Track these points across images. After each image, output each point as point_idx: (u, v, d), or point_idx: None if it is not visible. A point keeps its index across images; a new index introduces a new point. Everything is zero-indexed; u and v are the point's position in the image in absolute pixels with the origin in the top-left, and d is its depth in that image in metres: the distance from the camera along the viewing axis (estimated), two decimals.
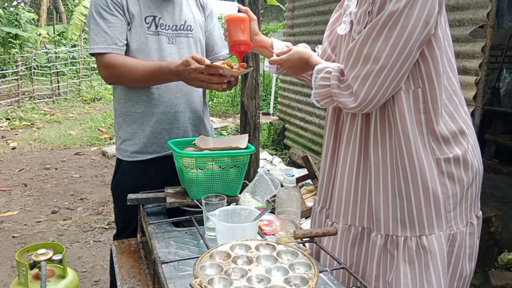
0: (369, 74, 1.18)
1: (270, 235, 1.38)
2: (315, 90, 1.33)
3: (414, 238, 1.26)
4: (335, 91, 1.26)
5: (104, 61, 1.63)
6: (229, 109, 9.28)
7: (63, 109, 9.63)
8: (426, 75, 1.22)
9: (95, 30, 1.63)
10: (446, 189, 1.27)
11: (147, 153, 1.76)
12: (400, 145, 1.25)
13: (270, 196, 1.57)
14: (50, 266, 1.41)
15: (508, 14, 3.11)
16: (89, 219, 3.90)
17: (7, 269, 3.02)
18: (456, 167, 1.27)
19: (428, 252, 1.25)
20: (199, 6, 1.87)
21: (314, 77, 1.32)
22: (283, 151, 6.02)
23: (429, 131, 1.25)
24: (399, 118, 1.24)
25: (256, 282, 0.95)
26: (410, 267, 1.26)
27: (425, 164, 1.23)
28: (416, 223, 1.26)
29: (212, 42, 1.91)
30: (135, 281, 1.27)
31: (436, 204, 1.25)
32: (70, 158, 5.95)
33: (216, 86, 1.54)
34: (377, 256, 1.32)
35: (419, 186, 1.24)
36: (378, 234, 1.31)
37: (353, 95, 1.21)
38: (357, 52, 1.20)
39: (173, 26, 1.74)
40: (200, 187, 1.46)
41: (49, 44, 13.16)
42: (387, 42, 1.15)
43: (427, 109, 1.24)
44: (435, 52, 1.21)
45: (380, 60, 1.16)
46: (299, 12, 5.58)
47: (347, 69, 1.23)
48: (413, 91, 1.23)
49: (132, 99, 1.73)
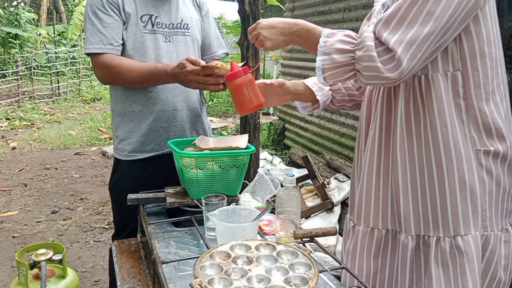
0: (415, 39, 1.04)
1: (270, 235, 1.38)
2: (323, 56, 1.14)
3: (448, 239, 1.16)
4: (369, 54, 1.08)
5: (100, 61, 1.64)
6: (229, 109, 9.27)
7: (63, 109, 9.63)
8: (470, 55, 1.11)
9: (90, 30, 1.64)
10: (483, 184, 1.16)
11: (144, 152, 1.76)
12: (435, 134, 1.14)
13: (270, 196, 1.57)
14: (50, 266, 1.41)
15: (508, 14, 3.11)
16: (89, 219, 3.90)
17: (7, 269, 3.02)
18: (494, 163, 1.16)
19: (464, 254, 1.14)
20: (195, 6, 1.88)
21: (323, 40, 1.15)
22: (283, 151, 6.01)
23: (470, 118, 1.14)
24: (436, 103, 1.13)
25: (256, 282, 0.95)
26: (444, 271, 1.16)
27: (463, 155, 1.13)
28: (450, 221, 1.15)
29: (208, 42, 1.91)
30: (135, 281, 1.27)
31: (473, 200, 1.14)
32: (70, 158, 5.94)
33: (212, 87, 1.54)
34: (409, 260, 1.22)
35: (455, 179, 1.14)
36: (408, 236, 1.21)
37: (394, 60, 1.06)
38: (403, 14, 1.06)
39: (169, 24, 1.74)
40: (200, 187, 1.46)
41: (49, 44, 13.15)
42: (437, 4, 1.03)
43: (467, 93, 1.13)
44: (481, 29, 1.11)
45: (428, 24, 1.04)
46: (299, 12, 5.58)
47: (387, 33, 1.07)
48: (452, 73, 1.13)
49: (130, 98, 1.73)
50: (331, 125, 4.82)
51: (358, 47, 1.11)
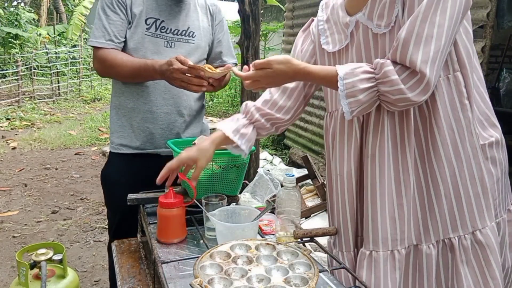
0: (436, 55, 1.05)
1: (270, 235, 1.38)
2: (349, 99, 1.11)
3: (468, 236, 1.18)
4: (396, 88, 1.07)
5: (99, 54, 1.71)
6: (229, 109, 9.27)
7: (63, 109, 9.63)
8: (466, 55, 1.14)
9: (96, 25, 1.72)
10: (491, 175, 1.21)
11: (130, 148, 1.81)
12: (443, 139, 1.15)
13: (270, 196, 1.57)
14: (50, 266, 1.41)
15: (508, 14, 3.12)
16: (89, 219, 3.90)
17: (7, 269, 3.02)
18: (497, 150, 1.22)
19: (485, 247, 1.17)
20: (208, 14, 1.88)
21: (342, 84, 1.12)
22: (283, 151, 6.01)
23: (475, 116, 1.17)
24: (441, 109, 1.14)
25: (256, 282, 0.95)
26: (469, 267, 1.18)
27: (470, 153, 1.16)
28: (467, 218, 1.18)
29: (219, 51, 1.93)
30: (135, 281, 1.27)
31: (485, 194, 1.18)
32: (70, 158, 5.95)
33: (195, 88, 1.57)
34: (435, 267, 1.21)
35: (467, 178, 1.17)
36: (430, 244, 1.21)
37: (421, 82, 1.06)
38: (418, 32, 1.05)
39: (175, 30, 1.76)
40: (200, 187, 1.46)
41: (49, 44, 13.15)
42: (444, 15, 1.05)
43: (469, 92, 1.15)
44: (466, 27, 1.14)
45: (442, 36, 1.05)
46: (299, 12, 5.58)
47: (409, 56, 1.06)
48: (453, 75, 1.15)
49: (125, 94, 1.79)
50: None
51: (380, 81, 1.10)
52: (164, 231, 1.33)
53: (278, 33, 9.01)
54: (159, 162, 1.51)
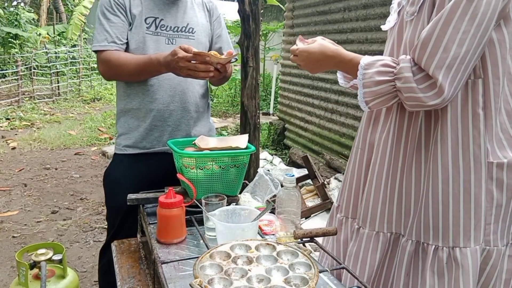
0: (454, 61, 1.01)
1: (270, 235, 1.38)
2: (365, 89, 1.13)
3: (446, 249, 1.14)
4: (409, 85, 1.06)
5: (102, 57, 1.71)
6: (229, 109, 9.28)
7: (63, 109, 9.63)
8: (491, 62, 1.07)
9: (98, 29, 1.72)
10: (491, 197, 1.12)
11: (136, 148, 1.81)
12: (445, 142, 1.12)
13: (270, 196, 1.57)
14: (50, 266, 1.41)
15: None
16: (89, 219, 3.90)
17: (7, 269, 3.02)
18: (508, 173, 1.11)
19: (460, 266, 1.12)
20: (205, 11, 1.90)
21: (361, 73, 1.13)
22: (283, 151, 6.01)
23: (488, 129, 1.10)
24: (450, 112, 1.10)
25: (256, 282, 0.95)
26: (439, 281, 1.14)
27: (472, 166, 1.10)
28: (450, 232, 1.13)
29: (220, 46, 1.94)
30: (135, 281, 1.27)
31: (477, 213, 1.11)
32: (70, 158, 5.94)
33: (203, 74, 1.55)
34: (406, 264, 1.21)
35: (460, 190, 1.11)
36: (409, 240, 1.20)
37: (435, 87, 1.04)
38: (438, 35, 1.02)
39: (174, 27, 1.77)
40: (200, 187, 1.46)
41: (49, 44, 13.16)
42: (472, 21, 0.99)
43: (487, 103, 1.08)
44: (503, 35, 1.07)
45: (465, 43, 1.00)
46: (299, 12, 5.58)
47: (425, 58, 1.04)
48: (472, 81, 1.08)
49: (130, 96, 1.79)
50: (331, 125, 4.82)
51: (397, 77, 1.09)
52: (164, 231, 1.32)
53: (278, 33, 9.02)
54: (165, 160, 1.52)
